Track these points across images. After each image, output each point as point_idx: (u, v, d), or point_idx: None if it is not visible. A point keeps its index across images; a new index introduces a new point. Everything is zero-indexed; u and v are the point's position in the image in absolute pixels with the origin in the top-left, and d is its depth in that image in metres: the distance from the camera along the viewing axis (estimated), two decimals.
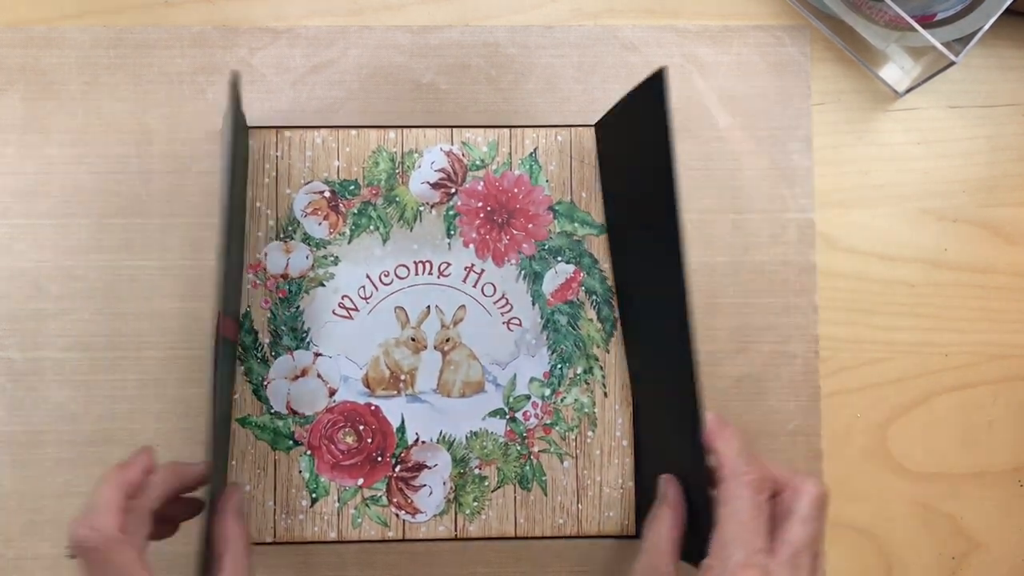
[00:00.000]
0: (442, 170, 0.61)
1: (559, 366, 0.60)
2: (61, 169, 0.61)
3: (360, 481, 0.59)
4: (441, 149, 0.61)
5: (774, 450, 0.60)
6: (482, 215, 0.61)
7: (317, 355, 0.60)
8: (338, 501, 0.59)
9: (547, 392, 0.60)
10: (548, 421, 0.60)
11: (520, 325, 0.60)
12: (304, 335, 0.60)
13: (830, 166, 0.62)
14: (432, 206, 0.61)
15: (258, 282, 0.60)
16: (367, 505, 0.59)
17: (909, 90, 0.62)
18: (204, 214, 0.60)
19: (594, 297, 0.60)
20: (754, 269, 0.61)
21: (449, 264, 0.60)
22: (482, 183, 0.61)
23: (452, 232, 0.61)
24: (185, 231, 0.60)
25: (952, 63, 0.56)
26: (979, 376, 0.62)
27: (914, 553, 0.61)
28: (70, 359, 0.60)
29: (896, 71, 0.62)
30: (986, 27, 0.56)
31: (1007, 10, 0.56)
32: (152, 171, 0.61)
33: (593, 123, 0.62)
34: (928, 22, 0.58)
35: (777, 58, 0.63)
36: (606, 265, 0.61)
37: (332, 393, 0.60)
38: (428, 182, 0.61)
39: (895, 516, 0.61)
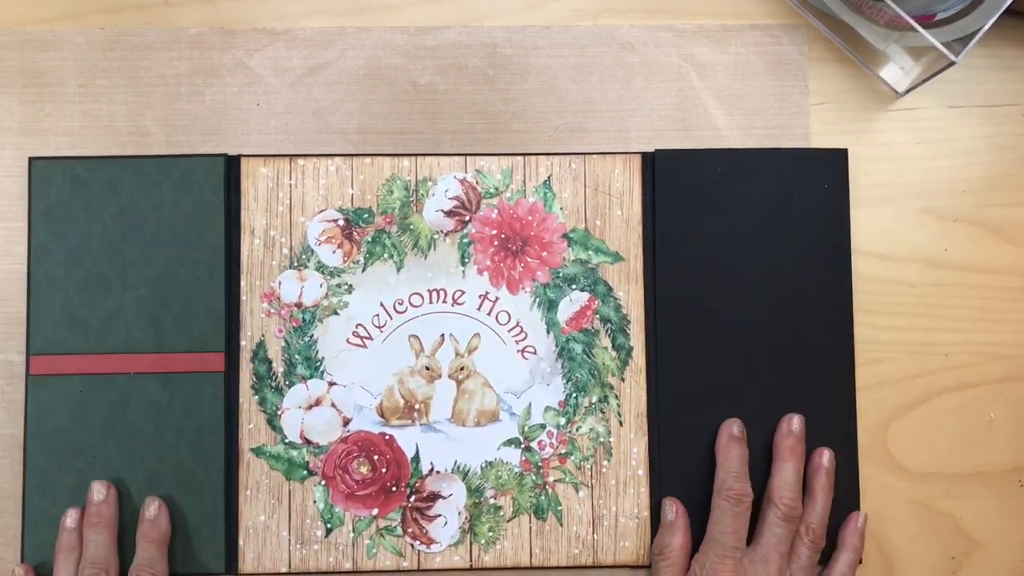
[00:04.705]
0: (456, 198, 0.61)
1: (574, 395, 0.60)
2: None
3: (375, 511, 0.59)
4: (455, 177, 0.61)
5: None
6: (496, 243, 0.60)
7: (331, 384, 0.60)
8: (353, 531, 0.59)
9: (562, 421, 0.60)
10: (563, 450, 0.60)
11: (535, 353, 0.60)
12: (318, 364, 0.60)
13: None
14: (446, 234, 0.60)
15: (272, 311, 0.60)
16: (382, 535, 0.59)
17: (909, 90, 0.62)
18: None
19: (609, 325, 0.60)
20: None
21: (463, 292, 0.60)
22: (496, 211, 0.61)
23: (466, 260, 0.60)
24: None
25: (952, 63, 0.56)
26: (979, 376, 0.62)
27: (914, 553, 0.61)
28: None
29: (896, 71, 0.62)
30: (986, 27, 0.56)
31: (1007, 10, 0.56)
32: None
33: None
34: (928, 22, 0.58)
35: (775, 57, 0.62)
36: (621, 293, 0.60)
37: (346, 423, 0.60)
38: (442, 210, 0.60)
39: (895, 516, 0.61)
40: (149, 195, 0.60)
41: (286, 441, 0.59)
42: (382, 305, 0.60)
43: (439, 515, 0.59)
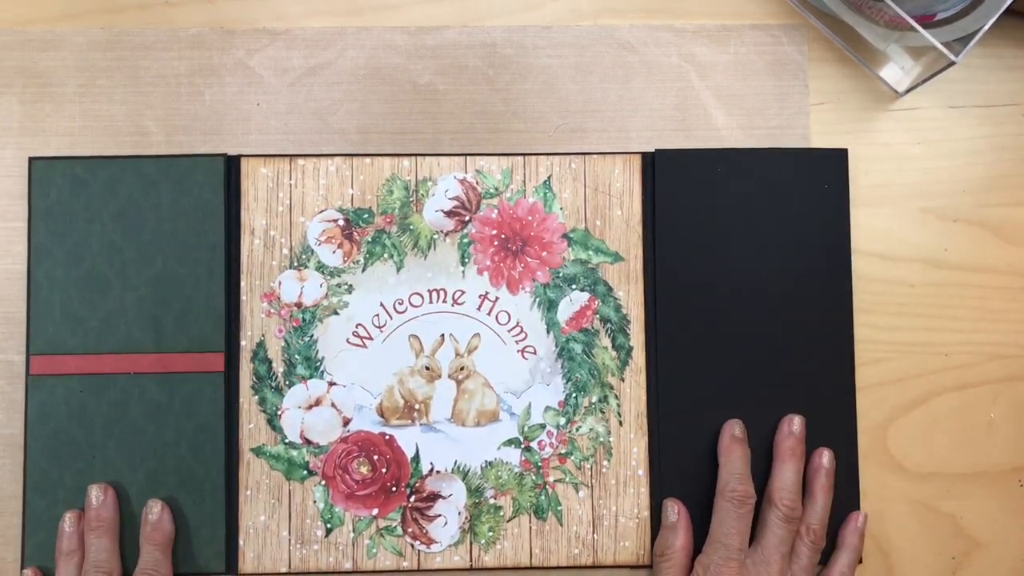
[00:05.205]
0: (456, 198, 0.61)
1: (574, 395, 0.60)
2: None
3: (375, 511, 0.59)
4: (455, 177, 0.61)
5: None
6: (496, 243, 0.60)
7: (331, 384, 0.60)
8: (353, 531, 0.59)
9: (562, 421, 0.60)
10: (563, 450, 0.60)
11: (535, 353, 0.60)
12: (318, 364, 0.60)
13: None
14: (446, 234, 0.60)
15: (272, 311, 0.60)
16: (382, 535, 0.59)
17: (909, 90, 0.62)
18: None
19: (609, 325, 0.60)
20: None
21: (463, 292, 0.60)
22: (496, 211, 0.61)
23: (466, 260, 0.60)
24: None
25: (952, 63, 0.56)
26: (979, 376, 0.62)
27: (914, 553, 0.61)
28: None
29: (896, 71, 0.62)
30: (986, 27, 0.56)
31: (1007, 10, 0.56)
32: None
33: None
34: (928, 22, 0.58)
35: (775, 57, 0.62)
36: (621, 293, 0.60)
37: (346, 423, 0.60)
38: (442, 210, 0.60)
39: (895, 516, 0.61)
40: (149, 195, 0.60)
41: (286, 441, 0.59)
42: (382, 305, 0.60)
43: (439, 515, 0.59)
